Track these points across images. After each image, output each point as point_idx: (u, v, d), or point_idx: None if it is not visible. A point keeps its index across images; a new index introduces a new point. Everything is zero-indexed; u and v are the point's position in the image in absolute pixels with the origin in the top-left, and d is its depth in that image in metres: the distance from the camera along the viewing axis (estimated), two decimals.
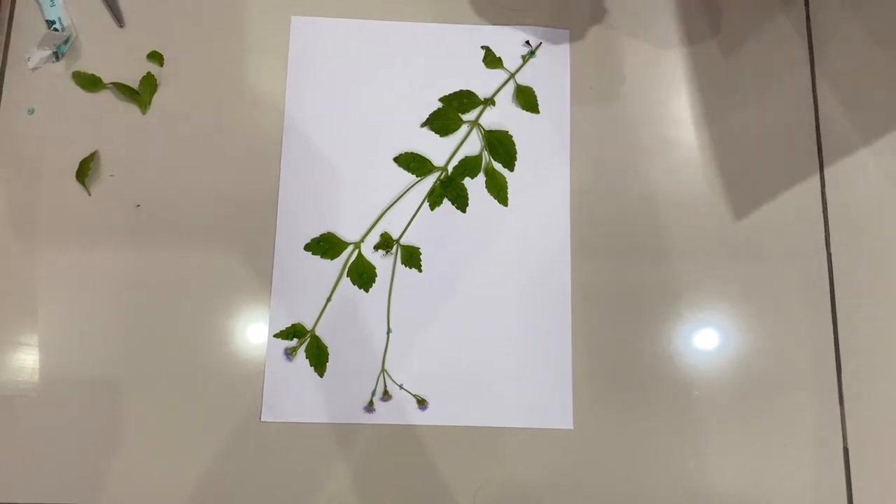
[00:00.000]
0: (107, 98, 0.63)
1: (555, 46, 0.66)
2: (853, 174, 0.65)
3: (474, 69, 0.65)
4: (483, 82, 0.65)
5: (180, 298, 0.60)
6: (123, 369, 0.58)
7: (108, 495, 0.57)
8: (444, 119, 0.64)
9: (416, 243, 0.62)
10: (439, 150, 0.64)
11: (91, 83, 0.63)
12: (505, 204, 0.63)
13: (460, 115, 0.64)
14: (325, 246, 0.61)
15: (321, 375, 0.59)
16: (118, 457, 0.57)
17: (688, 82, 0.66)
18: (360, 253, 0.61)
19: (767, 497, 0.59)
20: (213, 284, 0.60)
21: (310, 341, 0.59)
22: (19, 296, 0.59)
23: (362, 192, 0.62)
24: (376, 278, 0.61)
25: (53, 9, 0.64)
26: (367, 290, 0.61)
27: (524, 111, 0.64)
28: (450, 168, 0.63)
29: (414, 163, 0.63)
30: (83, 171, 0.61)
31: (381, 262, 0.61)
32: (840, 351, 0.62)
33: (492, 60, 0.65)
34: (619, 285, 0.62)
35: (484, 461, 0.58)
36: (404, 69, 0.65)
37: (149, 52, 0.64)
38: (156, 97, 0.63)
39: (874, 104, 0.66)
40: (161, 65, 0.64)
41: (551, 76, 0.65)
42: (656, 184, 0.64)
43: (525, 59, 0.65)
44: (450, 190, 0.62)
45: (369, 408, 0.59)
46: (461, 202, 0.62)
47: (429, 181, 0.63)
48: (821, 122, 0.66)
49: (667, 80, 0.66)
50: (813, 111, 0.66)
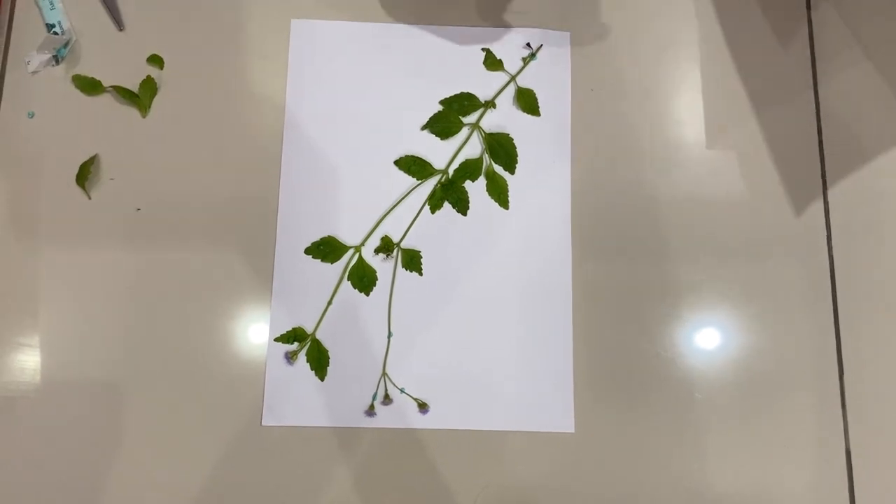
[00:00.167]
0: (107, 101, 0.63)
1: (556, 48, 0.65)
2: (855, 174, 0.64)
3: (475, 71, 0.65)
4: (484, 85, 0.65)
5: (181, 302, 0.60)
6: (124, 373, 0.58)
7: (108, 499, 0.57)
8: (445, 122, 0.64)
9: (416, 247, 0.62)
10: (440, 153, 0.63)
11: (91, 87, 0.63)
12: (506, 207, 0.62)
13: (461, 117, 0.64)
14: (326, 249, 0.61)
15: (322, 379, 0.59)
16: (119, 461, 0.57)
17: (689, 84, 0.66)
18: (360, 256, 0.61)
19: (769, 499, 0.59)
20: (213, 288, 0.60)
21: (310, 345, 0.59)
22: (20, 299, 0.59)
23: (363, 196, 0.62)
24: (377, 282, 0.61)
25: (53, 12, 0.64)
26: (367, 294, 0.60)
27: (525, 114, 0.64)
28: (450, 171, 0.63)
29: (414, 166, 0.63)
30: (83, 174, 0.61)
31: (382, 266, 0.61)
32: (842, 352, 0.61)
33: (492, 63, 0.65)
34: (620, 287, 0.62)
35: (485, 465, 0.58)
36: (405, 72, 0.65)
37: (149, 55, 0.64)
38: (156, 101, 0.63)
39: (876, 106, 0.66)
40: (161, 68, 0.64)
41: (552, 78, 0.65)
42: (658, 186, 0.64)
43: (526, 61, 0.65)
44: (450, 193, 0.62)
45: (370, 412, 0.59)
46: (462, 205, 0.62)
47: (429, 184, 0.63)
48: (822, 122, 0.65)
49: (668, 81, 0.66)
50: (815, 112, 0.65)
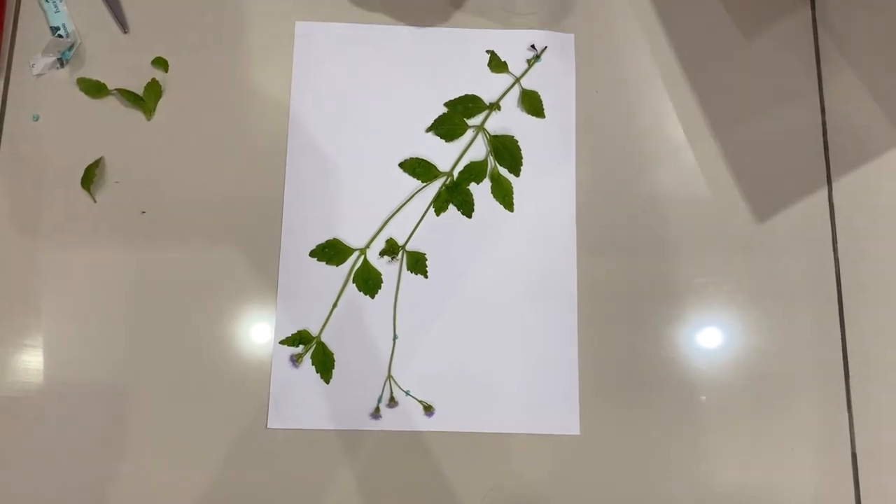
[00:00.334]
0: (111, 104, 0.63)
1: (560, 50, 0.65)
2: (860, 175, 0.64)
3: (479, 73, 0.65)
4: (488, 87, 0.65)
5: (186, 304, 0.60)
6: (130, 377, 0.58)
7: (113, 501, 0.57)
8: (450, 124, 0.64)
9: (421, 249, 0.62)
10: (445, 155, 0.63)
11: (96, 89, 0.63)
12: (511, 209, 0.62)
13: (465, 119, 0.64)
14: (331, 252, 0.61)
15: (327, 382, 0.59)
16: (124, 463, 0.57)
17: (694, 85, 0.65)
18: (365, 259, 0.61)
19: (775, 501, 0.59)
20: (218, 291, 0.60)
21: (316, 348, 0.59)
22: (25, 302, 0.59)
23: (368, 198, 0.62)
24: (382, 284, 0.61)
25: (58, 15, 0.64)
26: (372, 297, 0.60)
27: (530, 116, 0.64)
28: (455, 173, 0.63)
29: (419, 168, 0.63)
30: (88, 177, 0.61)
31: (387, 269, 0.61)
32: (848, 356, 0.61)
33: (497, 65, 0.65)
34: (626, 289, 0.62)
35: (491, 467, 0.58)
36: (409, 74, 0.65)
37: (153, 58, 0.64)
38: (161, 103, 0.63)
39: (881, 105, 0.65)
40: (166, 71, 0.64)
41: (557, 80, 0.65)
42: (663, 188, 0.64)
43: (530, 63, 0.65)
44: (455, 195, 0.62)
45: (375, 414, 0.59)
46: (467, 208, 0.62)
47: (434, 187, 0.63)
48: (828, 123, 0.65)
49: (672, 83, 0.65)
50: (820, 112, 0.65)
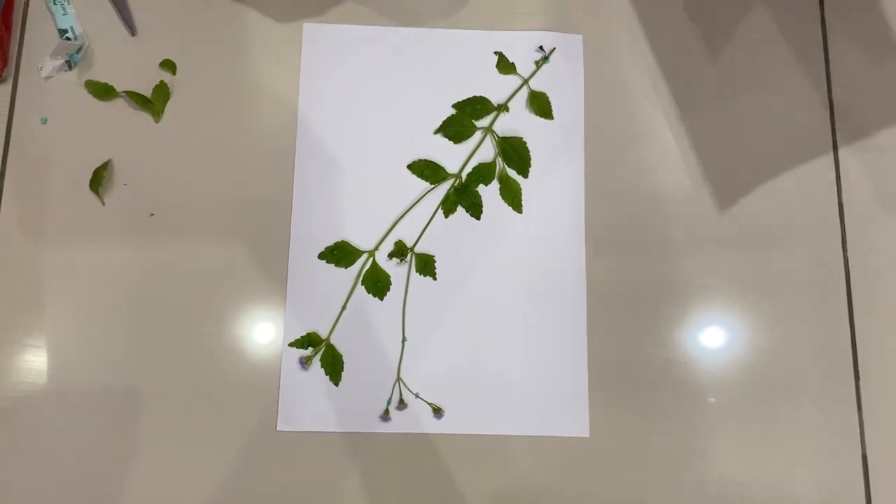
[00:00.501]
0: (120, 107, 0.63)
1: (568, 52, 0.65)
2: (870, 171, 0.64)
3: (487, 75, 0.65)
4: (496, 88, 0.64)
5: (194, 307, 0.60)
6: (138, 379, 0.58)
7: None
8: (458, 125, 0.64)
9: (430, 251, 0.61)
10: (453, 156, 0.63)
11: (104, 92, 0.63)
12: (519, 211, 0.62)
13: (474, 121, 0.64)
14: (340, 254, 0.61)
15: (336, 384, 0.59)
16: (133, 466, 0.57)
17: (702, 86, 0.65)
18: (374, 261, 0.61)
19: None
20: (227, 293, 0.60)
21: (325, 350, 0.59)
22: (34, 305, 0.59)
23: (376, 200, 0.62)
24: (391, 286, 0.61)
25: (66, 17, 0.64)
26: (381, 299, 0.60)
27: (538, 117, 0.64)
28: (464, 175, 0.63)
29: (427, 170, 0.63)
30: (97, 180, 0.61)
31: (396, 271, 0.61)
32: (857, 355, 0.61)
33: (505, 66, 0.65)
34: (635, 291, 0.62)
35: (500, 470, 0.58)
36: (417, 76, 0.65)
37: (161, 60, 0.64)
38: (169, 106, 0.63)
39: (889, 92, 0.65)
40: (174, 73, 0.64)
41: (565, 82, 0.65)
42: (672, 188, 0.63)
43: (538, 64, 0.65)
44: (464, 197, 0.62)
45: (385, 416, 0.59)
46: (475, 209, 0.62)
47: (443, 188, 0.63)
48: (836, 123, 0.65)
49: (682, 84, 0.65)
50: (828, 106, 0.65)
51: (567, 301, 0.61)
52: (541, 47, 0.65)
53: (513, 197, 0.62)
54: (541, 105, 0.64)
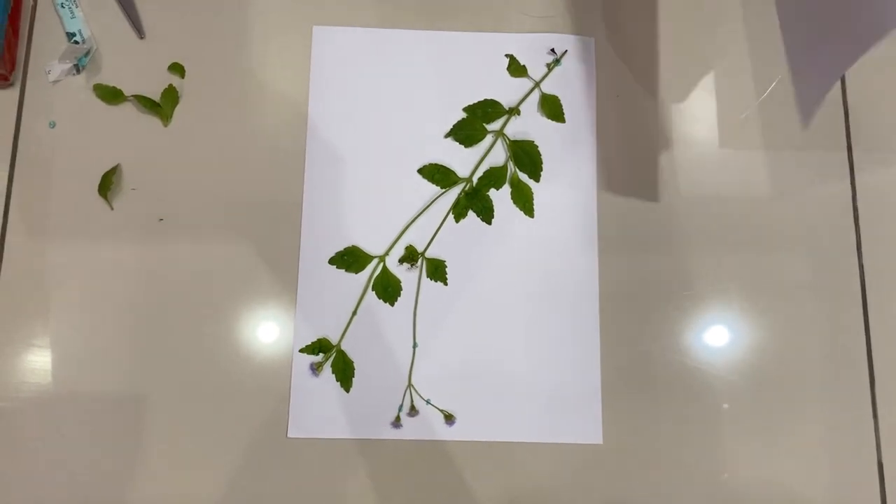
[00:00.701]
0: (128, 111, 0.63)
1: (580, 54, 0.65)
2: (885, 168, 0.63)
3: (499, 78, 0.64)
4: (507, 91, 0.64)
5: (204, 313, 0.59)
6: (147, 385, 0.58)
7: None
8: (469, 129, 0.63)
9: (440, 256, 0.61)
10: (464, 160, 0.63)
11: (112, 96, 0.62)
12: (531, 215, 0.62)
13: (485, 124, 0.63)
14: (350, 259, 0.60)
15: (347, 390, 0.58)
16: (141, 472, 0.57)
17: (715, 88, 0.65)
18: (384, 266, 0.61)
19: None
20: (237, 299, 0.60)
21: (336, 356, 0.59)
22: (42, 311, 0.59)
23: (386, 205, 0.62)
24: (401, 292, 0.60)
25: (74, 21, 0.63)
26: (392, 304, 0.60)
27: (550, 120, 0.64)
28: (474, 179, 0.62)
29: (438, 174, 0.62)
30: (105, 185, 0.60)
31: (406, 276, 0.61)
32: (873, 359, 0.61)
33: (516, 69, 0.64)
34: (648, 295, 0.61)
35: (512, 477, 0.58)
36: (428, 79, 0.64)
37: (170, 63, 0.63)
38: (178, 109, 0.63)
39: None
40: (182, 76, 0.63)
41: (577, 85, 0.64)
42: (686, 191, 0.63)
43: (550, 67, 0.64)
44: (475, 202, 0.62)
45: (396, 423, 0.58)
46: (486, 214, 0.62)
47: (453, 193, 0.62)
48: (850, 118, 0.64)
49: (694, 86, 0.65)
50: (842, 104, 0.65)
51: (579, 306, 0.61)
52: (552, 50, 0.65)
53: (524, 201, 0.62)
54: (552, 108, 0.63)
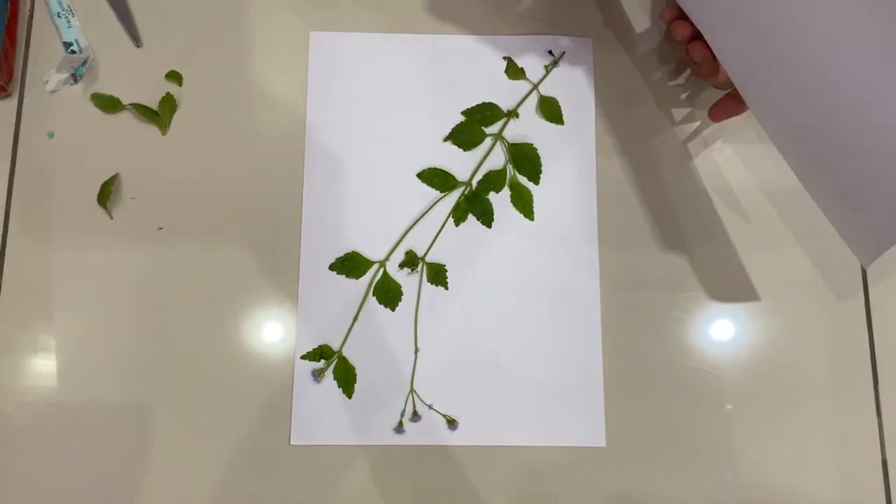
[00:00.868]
0: (126, 119, 0.63)
1: (578, 56, 0.64)
2: None
3: (496, 81, 0.64)
4: (506, 94, 0.64)
5: (205, 321, 0.59)
6: (148, 392, 0.58)
7: None
8: (468, 133, 0.63)
9: (441, 260, 0.61)
10: (463, 164, 0.63)
11: (110, 105, 0.62)
12: (531, 218, 0.62)
13: (483, 128, 0.63)
14: (350, 265, 0.60)
15: (349, 397, 0.58)
16: (142, 480, 0.57)
17: (713, 88, 0.65)
18: (385, 272, 0.60)
19: None
20: (238, 306, 0.60)
21: (337, 362, 0.59)
22: (42, 320, 0.59)
23: (386, 209, 0.62)
24: (402, 297, 0.60)
25: (71, 30, 0.63)
26: (393, 310, 0.60)
27: (548, 122, 0.63)
28: (474, 183, 0.62)
29: (437, 178, 0.62)
30: (104, 194, 0.60)
31: (407, 281, 0.61)
32: (876, 360, 0.60)
33: (514, 71, 0.64)
34: (649, 297, 0.61)
35: (515, 481, 0.58)
36: (425, 82, 0.64)
37: (167, 71, 0.63)
38: (175, 117, 0.63)
39: None
40: (180, 84, 0.63)
41: (575, 86, 0.64)
42: (686, 194, 0.63)
43: (548, 69, 0.64)
44: (474, 205, 0.62)
45: (399, 429, 0.58)
46: (486, 217, 0.61)
47: (453, 197, 0.62)
48: None
49: (693, 87, 0.65)
50: None
51: (581, 309, 0.60)
52: (550, 52, 0.64)
53: (524, 204, 0.62)
54: (551, 110, 0.63)
